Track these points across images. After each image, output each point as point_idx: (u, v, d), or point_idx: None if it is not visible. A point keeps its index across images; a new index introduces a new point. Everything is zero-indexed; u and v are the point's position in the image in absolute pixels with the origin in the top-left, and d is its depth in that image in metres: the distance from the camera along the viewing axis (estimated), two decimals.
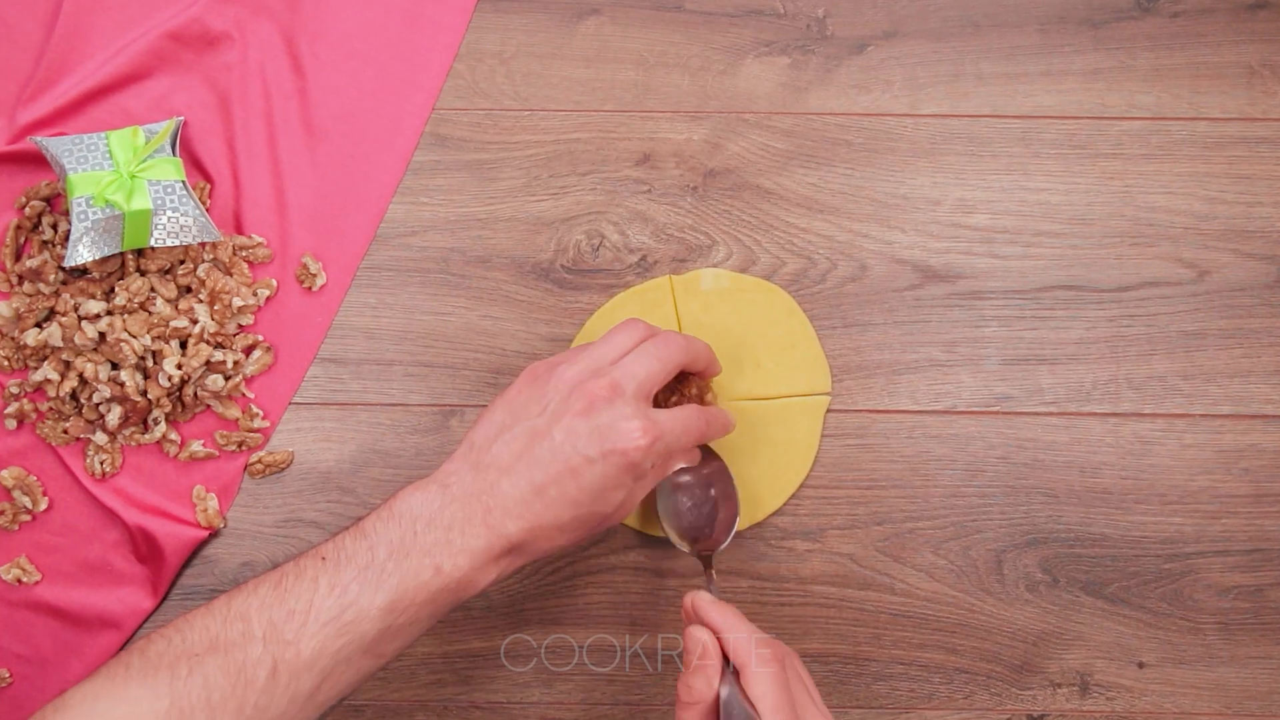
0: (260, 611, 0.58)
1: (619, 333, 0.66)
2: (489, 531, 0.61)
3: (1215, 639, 0.75)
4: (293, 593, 0.58)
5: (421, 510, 0.61)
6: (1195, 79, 0.78)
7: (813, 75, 0.78)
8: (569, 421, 0.62)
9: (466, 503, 0.61)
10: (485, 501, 0.61)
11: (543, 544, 0.63)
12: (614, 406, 0.62)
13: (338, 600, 0.58)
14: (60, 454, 0.74)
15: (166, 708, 0.55)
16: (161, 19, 0.76)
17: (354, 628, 0.58)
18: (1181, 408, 0.76)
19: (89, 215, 0.69)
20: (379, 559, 0.60)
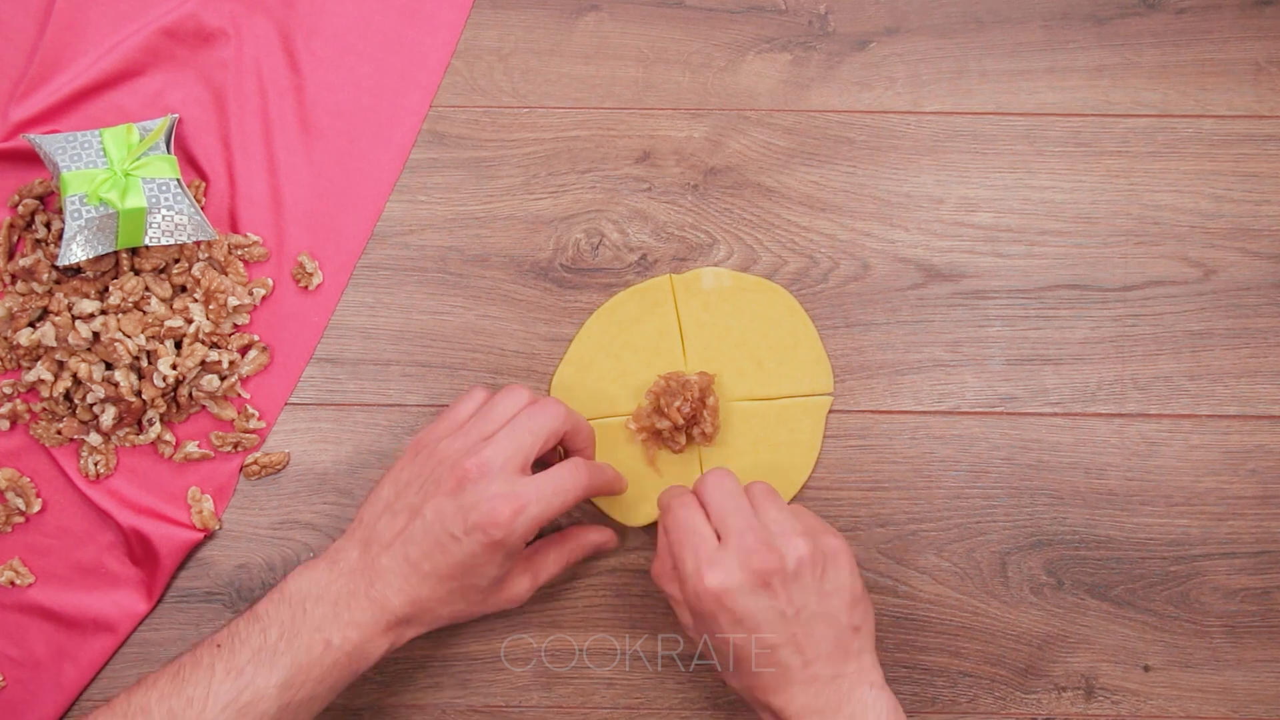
0: (159, 703, 0.61)
1: (500, 401, 0.68)
2: (373, 605, 0.64)
3: (1222, 642, 0.74)
4: (190, 681, 0.61)
5: (310, 589, 0.64)
6: (1201, 76, 0.78)
7: (814, 72, 0.78)
8: (438, 500, 0.65)
9: (352, 578, 0.65)
10: (369, 576, 0.65)
11: (428, 616, 0.66)
12: (479, 485, 0.64)
13: (234, 683, 0.61)
14: (54, 455, 0.73)
15: None
16: (156, 15, 0.76)
17: (252, 709, 0.61)
18: (1188, 408, 0.75)
19: (83, 213, 0.69)
20: (271, 640, 0.63)
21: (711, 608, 0.63)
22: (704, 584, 0.63)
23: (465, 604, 0.67)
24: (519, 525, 0.64)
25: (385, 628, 0.65)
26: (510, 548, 0.65)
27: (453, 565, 0.64)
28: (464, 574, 0.65)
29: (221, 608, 0.74)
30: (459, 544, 0.64)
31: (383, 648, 0.65)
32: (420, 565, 0.65)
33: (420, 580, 0.65)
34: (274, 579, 0.74)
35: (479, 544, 0.64)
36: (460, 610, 0.67)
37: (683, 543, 0.64)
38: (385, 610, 0.64)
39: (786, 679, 0.63)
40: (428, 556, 0.64)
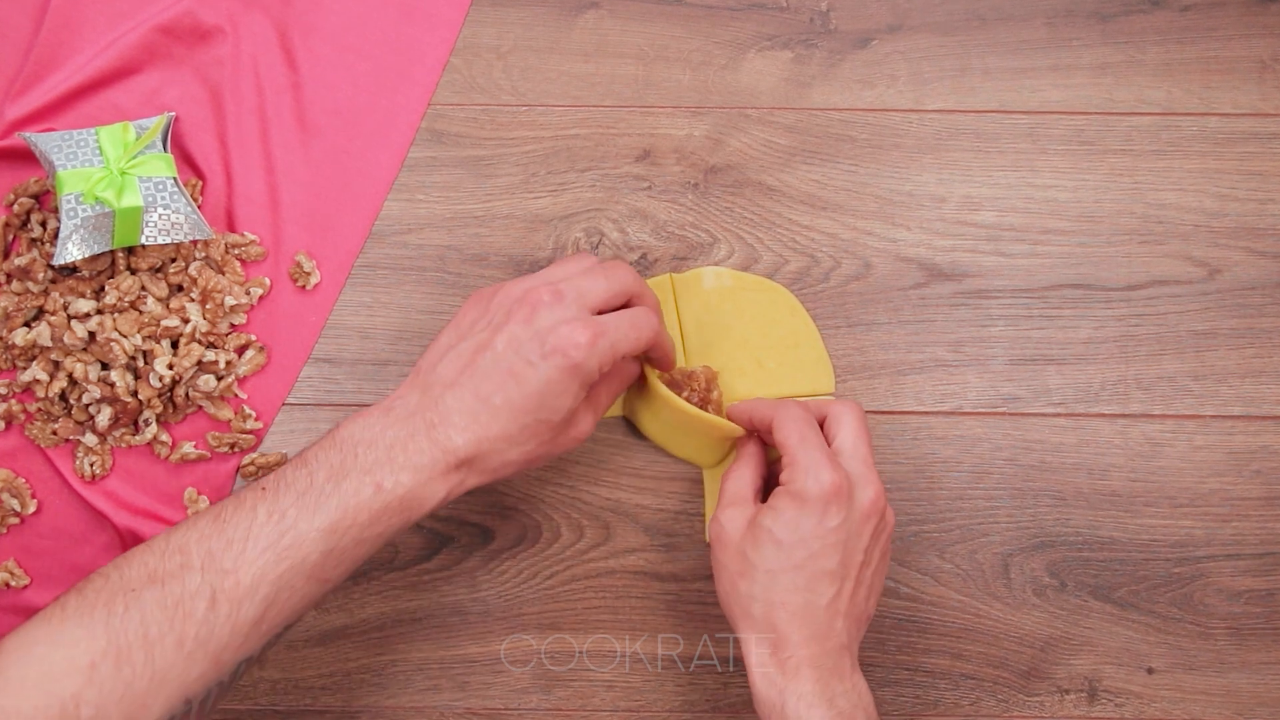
0: (199, 543, 0.58)
1: (569, 260, 0.66)
2: (433, 446, 0.60)
3: (1226, 644, 0.74)
4: (231, 523, 0.58)
5: (363, 434, 0.61)
6: (1206, 73, 0.77)
7: (816, 70, 0.77)
8: (511, 329, 0.62)
9: (410, 421, 0.61)
10: (429, 418, 0.61)
11: (494, 459, 0.62)
12: (555, 309, 0.62)
13: (276, 526, 0.58)
14: (49, 456, 0.73)
15: (104, 647, 0.55)
16: (152, 12, 0.75)
17: (294, 551, 0.58)
18: (1192, 409, 0.75)
19: (78, 212, 0.69)
20: (318, 483, 0.59)
21: (816, 498, 0.62)
22: (826, 474, 0.62)
23: (535, 444, 0.62)
24: (599, 350, 0.61)
25: (445, 470, 0.60)
26: (587, 375, 0.61)
27: (528, 395, 0.60)
28: (539, 405, 0.61)
29: None
30: (535, 370, 0.60)
31: (439, 493, 0.61)
32: (491, 399, 0.61)
33: (491, 416, 0.61)
34: None
35: (558, 368, 0.60)
36: (529, 451, 0.62)
37: (806, 438, 0.64)
38: (447, 452, 0.60)
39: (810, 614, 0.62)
40: (500, 388, 0.60)
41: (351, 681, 0.73)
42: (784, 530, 0.62)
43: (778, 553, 0.62)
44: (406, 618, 0.74)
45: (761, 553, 0.63)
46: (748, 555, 0.63)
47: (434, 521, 0.74)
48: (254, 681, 0.73)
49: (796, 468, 0.63)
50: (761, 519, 0.63)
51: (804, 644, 0.61)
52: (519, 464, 0.63)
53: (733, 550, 0.64)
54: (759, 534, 0.63)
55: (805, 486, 0.62)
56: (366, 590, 0.74)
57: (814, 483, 0.62)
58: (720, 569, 0.65)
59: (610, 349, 0.62)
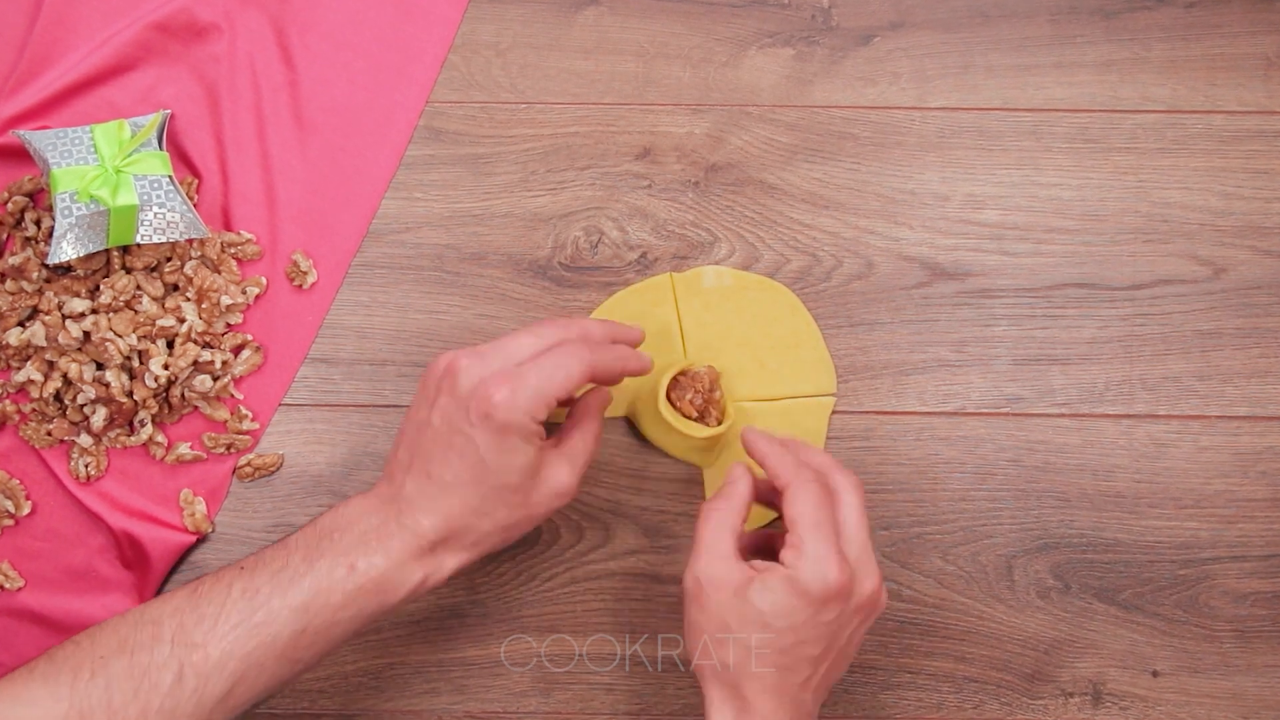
0: (172, 616, 0.58)
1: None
2: (403, 531, 0.61)
3: (1232, 647, 0.74)
4: (206, 598, 0.59)
5: (341, 521, 0.62)
6: (1211, 71, 0.77)
7: (818, 67, 0.77)
8: (441, 401, 0.61)
9: (382, 509, 0.62)
10: (397, 505, 0.61)
11: (468, 535, 0.61)
12: (473, 370, 0.61)
13: (249, 603, 0.58)
14: (44, 457, 0.73)
15: (65, 710, 0.55)
16: (147, 9, 0.75)
17: (265, 629, 0.58)
18: (1197, 409, 0.75)
19: (73, 211, 0.69)
20: (293, 563, 0.60)
21: (819, 595, 0.59)
22: (833, 571, 0.59)
23: (506, 509, 0.61)
24: (520, 400, 0.59)
25: (418, 553, 0.60)
26: (522, 429, 0.60)
27: (471, 466, 0.60)
28: (486, 473, 0.60)
29: None
30: (468, 439, 0.60)
31: (415, 577, 0.60)
32: (441, 477, 0.60)
33: (447, 495, 0.60)
34: None
35: (488, 431, 0.59)
36: (502, 519, 0.61)
37: (820, 524, 0.61)
38: (418, 535, 0.60)
39: (780, 689, 0.60)
40: (446, 464, 0.60)
41: (349, 684, 0.73)
42: (775, 616, 0.59)
43: (763, 633, 0.60)
44: (404, 620, 0.73)
45: (747, 628, 0.60)
46: (729, 625, 0.60)
47: None
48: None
49: (804, 556, 0.60)
50: (752, 595, 0.60)
51: (771, 715, 0.60)
52: (498, 534, 0.62)
53: (712, 613, 0.61)
54: (746, 610, 0.60)
55: (809, 580, 0.59)
56: None
57: (819, 580, 0.59)
58: (692, 626, 0.62)
59: (535, 395, 0.60)
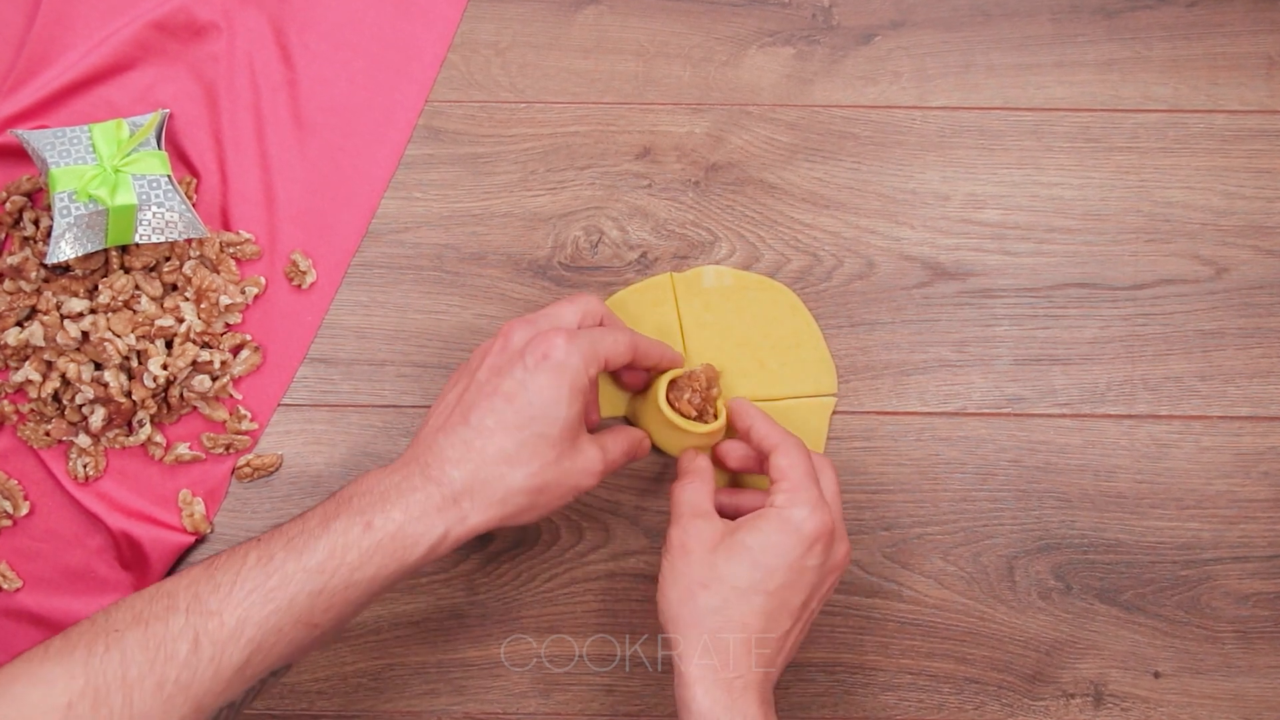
0: (187, 588, 0.57)
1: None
2: (428, 483, 0.59)
3: (1234, 648, 0.73)
4: (221, 568, 0.58)
5: (361, 485, 0.60)
6: (1213, 70, 0.77)
7: (818, 66, 0.77)
8: (491, 360, 0.62)
9: (407, 467, 0.60)
10: (424, 459, 0.60)
11: (496, 485, 0.60)
12: (526, 330, 0.62)
13: (263, 569, 0.57)
14: (42, 457, 0.73)
15: (81, 687, 0.54)
16: (146, 8, 0.75)
17: (280, 593, 0.57)
18: (1199, 409, 0.74)
19: (71, 211, 0.68)
20: (309, 528, 0.58)
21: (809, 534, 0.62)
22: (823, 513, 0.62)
23: (539, 464, 0.60)
24: (579, 347, 0.60)
25: (440, 505, 0.59)
26: (576, 377, 0.60)
27: (519, 408, 0.59)
28: (532, 416, 0.59)
29: None
30: (519, 382, 0.60)
31: (436, 530, 0.58)
32: (483, 422, 0.59)
33: (484, 439, 0.59)
34: None
35: (542, 371, 0.60)
36: (534, 474, 0.60)
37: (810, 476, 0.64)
38: (442, 485, 0.59)
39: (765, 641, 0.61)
40: (490, 409, 0.60)
41: (348, 685, 0.73)
42: (765, 552, 0.61)
43: (752, 572, 0.61)
44: (404, 621, 0.73)
45: (734, 567, 0.61)
46: (718, 567, 0.62)
47: None
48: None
49: (797, 497, 0.62)
50: (742, 535, 0.62)
51: (752, 669, 0.61)
52: (526, 490, 0.60)
53: (698, 560, 0.62)
54: (736, 549, 0.62)
55: (801, 519, 0.62)
56: None
57: (810, 518, 0.62)
58: (675, 576, 0.63)
59: (591, 348, 0.61)
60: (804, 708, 0.73)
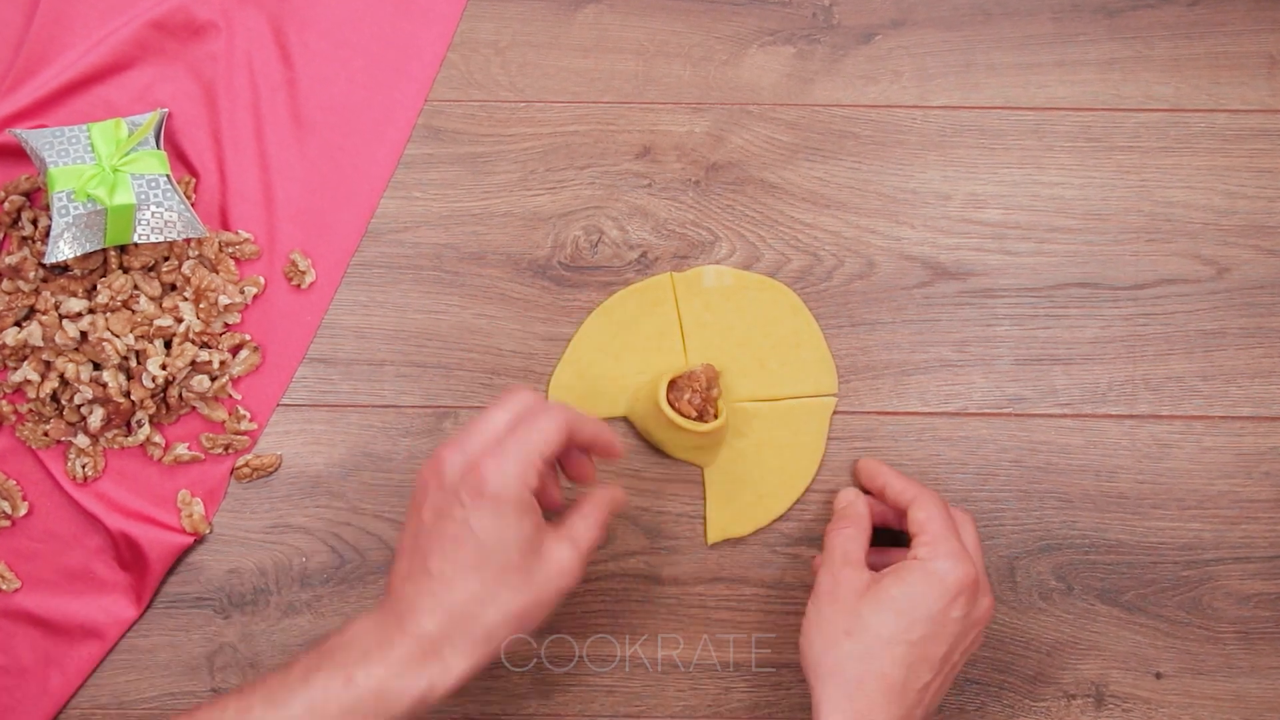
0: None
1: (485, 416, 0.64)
2: (405, 637, 0.58)
3: (1235, 648, 0.73)
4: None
5: (344, 638, 0.59)
6: (1214, 69, 0.76)
7: (819, 65, 0.77)
8: (431, 500, 0.60)
9: (384, 621, 0.59)
10: (398, 610, 0.59)
11: (473, 627, 0.59)
12: (455, 457, 0.60)
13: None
14: (40, 457, 0.72)
15: None
16: (145, 7, 0.75)
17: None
18: (1200, 409, 0.74)
19: (70, 210, 0.68)
20: (290, 680, 0.58)
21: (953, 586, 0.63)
22: (966, 564, 0.64)
23: (509, 592, 0.59)
24: (509, 467, 0.59)
25: (420, 658, 0.58)
26: (516, 499, 0.59)
27: (470, 551, 0.58)
28: (485, 555, 0.58)
29: (211, 613, 0.73)
30: (462, 523, 0.58)
31: (419, 685, 0.57)
32: (441, 570, 0.59)
33: (445, 586, 0.59)
34: (265, 584, 0.73)
35: (482, 509, 0.58)
36: (509, 605, 0.59)
37: (950, 527, 0.65)
38: (418, 639, 0.58)
39: (902, 693, 0.62)
40: (443, 555, 0.59)
41: None
42: (909, 602, 0.63)
43: (896, 621, 0.62)
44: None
45: (880, 617, 0.62)
46: (863, 616, 0.63)
47: None
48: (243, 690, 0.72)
49: (939, 550, 0.64)
50: (887, 584, 0.63)
51: (881, 711, 0.61)
52: (506, 624, 0.59)
53: (844, 607, 0.64)
54: (881, 598, 0.63)
55: (945, 570, 0.63)
56: (362, 595, 0.73)
57: (954, 570, 0.63)
58: (822, 622, 0.64)
59: (522, 460, 0.59)
60: (805, 709, 0.73)
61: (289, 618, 0.73)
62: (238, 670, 0.72)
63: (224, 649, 0.73)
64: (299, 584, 0.73)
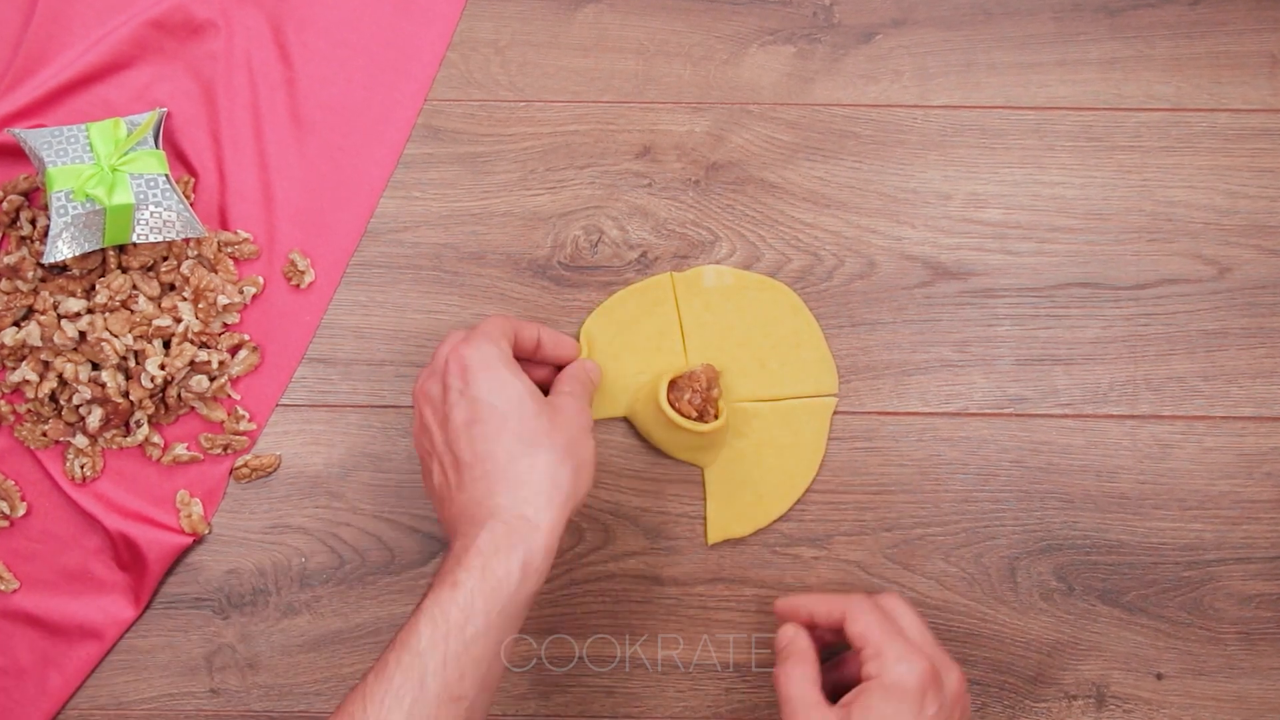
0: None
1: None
2: (478, 526, 0.59)
3: (1236, 649, 0.73)
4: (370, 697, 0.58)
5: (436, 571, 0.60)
6: (1216, 69, 0.76)
7: (819, 65, 0.76)
8: (430, 415, 0.64)
9: (458, 533, 0.60)
10: (466, 520, 0.60)
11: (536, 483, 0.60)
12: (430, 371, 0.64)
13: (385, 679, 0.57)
14: (39, 457, 0.72)
15: None
16: (143, 6, 0.74)
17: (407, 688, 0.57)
18: (1202, 410, 0.74)
19: (69, 210, 0.68)
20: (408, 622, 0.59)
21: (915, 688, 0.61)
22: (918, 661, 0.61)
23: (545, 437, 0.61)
24: (480, 345, 0.62)
25: (502, 532, 0.58)
26: (502, 360, 0.62)
27: (485, 420, 0.60)
28: (502, 414, 0.60)
29: (210, 614, 0.72)
30: (466, 402, 0.61)
31: (517, 557, 0.58)
32: (474, 452, 0.60)
33: (490, 464, 0.59)
34: (264, 584, 0.72)
35: (473, 379, 0.61)
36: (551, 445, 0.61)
37: (889, 628, 0.63)
38: (489, 516, 0.59)
39: None
40: (468, 439, 0.60)
41: (346, 687, 0.72)
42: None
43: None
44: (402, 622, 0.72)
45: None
46: None
47: (431, 525, 0.73)
48: (247, 687, 0.72)
49: (887, 659, 0.61)
50: (856, 718, 0.60)
51: None
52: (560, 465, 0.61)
53: None
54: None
55: (902, 677, 0.61)
56: (362, 595, 0.73)
57: (909, 672, 0.61)
58: None
59: (486, 337, 0.63)
60: None
61: (288, 618, 0.73)
62: (236, 671, 0.72)
63: (223, 650, 0.72)
64: (298, 584, 0.73)
